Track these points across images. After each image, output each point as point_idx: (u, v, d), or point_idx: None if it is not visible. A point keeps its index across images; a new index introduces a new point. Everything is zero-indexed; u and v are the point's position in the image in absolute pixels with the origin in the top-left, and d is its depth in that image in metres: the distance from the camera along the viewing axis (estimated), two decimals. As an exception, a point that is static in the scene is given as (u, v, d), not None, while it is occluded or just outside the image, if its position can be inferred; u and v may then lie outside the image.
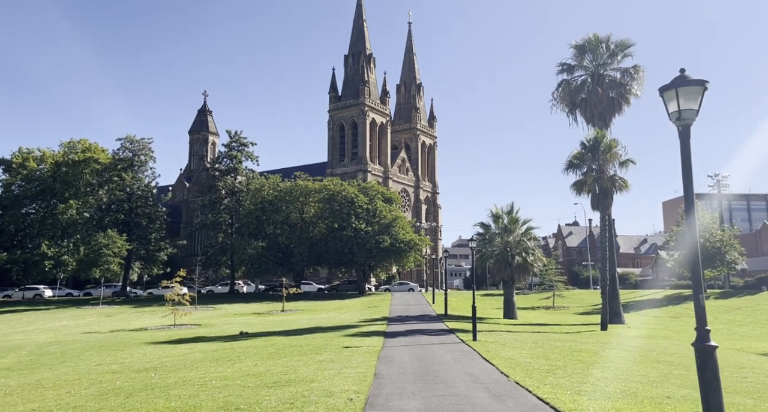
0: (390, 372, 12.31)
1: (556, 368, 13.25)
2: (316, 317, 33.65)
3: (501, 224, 32.99)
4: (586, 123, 33.26)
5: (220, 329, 27.86)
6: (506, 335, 21.35)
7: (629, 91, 32.03)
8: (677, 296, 41.35)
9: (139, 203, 56.00)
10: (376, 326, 25.62)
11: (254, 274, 55.61)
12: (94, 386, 11.30)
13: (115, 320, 34.66)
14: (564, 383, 10.82)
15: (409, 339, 20.02)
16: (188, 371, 13.22)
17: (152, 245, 55.65)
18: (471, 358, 15.10)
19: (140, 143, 55.77)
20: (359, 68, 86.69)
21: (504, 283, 33.15)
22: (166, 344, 20.90)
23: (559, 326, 27.86)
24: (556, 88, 33.87)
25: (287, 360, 14.82)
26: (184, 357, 16.35)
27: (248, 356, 16.14)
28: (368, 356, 15.04)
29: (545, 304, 43.66)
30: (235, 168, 58.70)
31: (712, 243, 40.26)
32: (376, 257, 54.59)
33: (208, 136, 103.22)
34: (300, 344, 18.86)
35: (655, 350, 18.25)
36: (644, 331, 26.42)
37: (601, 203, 27.39)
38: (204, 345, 19.93)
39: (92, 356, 17.49)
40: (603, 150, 26.97)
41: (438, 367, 13.21)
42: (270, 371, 12.76)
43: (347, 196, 54.63)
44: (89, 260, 45.62)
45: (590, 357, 15.70)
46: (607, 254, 28.35)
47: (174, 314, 29.30)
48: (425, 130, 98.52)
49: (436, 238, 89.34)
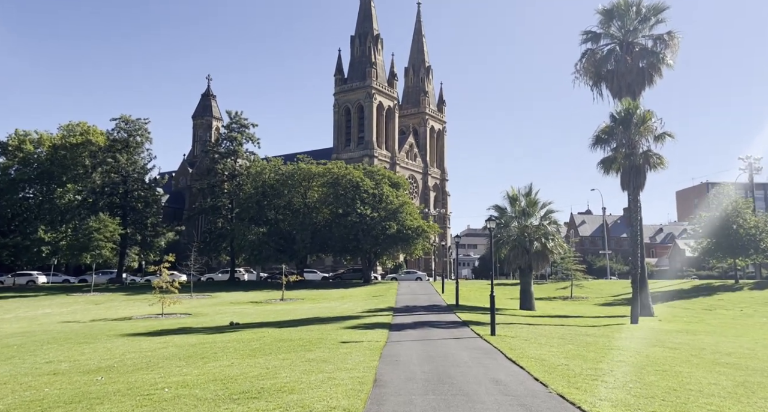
0: (394, 377, 9.76)
1: (601, 372, 10.65)
2: (317, 306, 31.27)
3: (518, 207, 30.23)
4: (613, 97, 30.34)
5: (210, 318, 25.55)
6: (527, 329, 18.77)
7: (662, 61, 29.02)
8: (706, 287, 38.46)
9: (134, 186, 53.55)
10: (380, 317, 23.15)
11: (255, 261, 53.31)
12: (11, 396, 8.82)
13: (103, 308, 32.49)
14: (624, 397, 8.20)
15: (418, 333, 17.50)
16: (145, 373, 10.75)
17: (149, 230, 53.34)
18: (493, 357, 12.53)
19: (136, 124, 53.21)
20: (366, 50, 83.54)
21: (521, 271, 30.48)
22: (142, 336, 18.54)
23: (582, 319, 25.28)
24: (579, 59, 30.94)
25: (271, 359, 12.33)
26: (152, 353, 13.92)
27: (227, 352, 13.68)
28: (369, 354, 12.53)
29: (562, 294, 41.02)
30: (235, 150, 56.04)
31: (746, 229, 37.23)
32: (382, 244, 52.09)
33: (211, 122, 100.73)
34: (291, 337, 16.39)
35: (706, 348, 15.53)
36: (679, 325, 23.72)
37: (632, 182, 24.55)
38: (184, 338, 17.52)
39: (49, 351, 15.12)
40: (636, 122, 24.07)
41: (454, 370, 10.64)
42: (244, 374, 10.25)
43: (352, 180, 52.00)
44: (79, 245, 43.39)
45: (634, 357, 13.06)
46: (638, 239, 25.56)
47: (162, 303, 27.01)
48: (434, 115, 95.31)
49: (444, 226, 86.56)
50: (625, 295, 38.55)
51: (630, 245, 25.85)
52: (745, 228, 37.25)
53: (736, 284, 38.26)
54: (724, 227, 37.43)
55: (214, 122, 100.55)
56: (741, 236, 37.22)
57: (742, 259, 39.81)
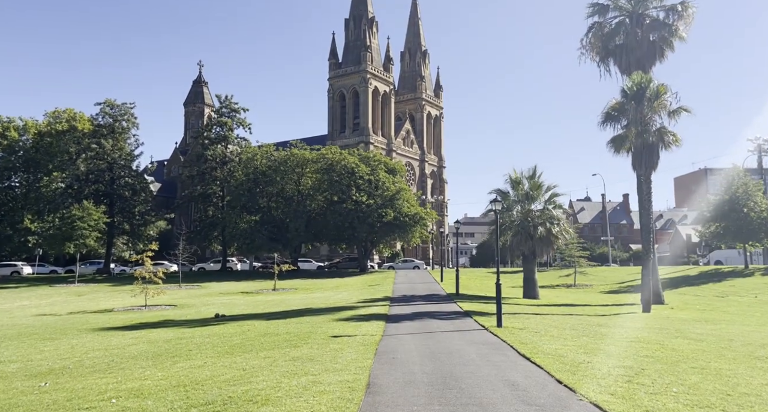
0: (391, 381, 8.24)
1: (632, 371, 9.17)
2: (310, 296, 29.77)
3: (521, 190, 28.58)
4: (621, 73, 28.55)
5: (196, 310, 24.03)
6: (535, 319, 17.29)
7: (674, 34, 27.24)
8: (716, 273, 37.07)
9: (121, 173, 51.55)
10: (376, 307, 21.66)
11: (247, 250, 51.65)
12: None
13: (85, 299, 30.90)
14: (675, 407, 6.67)
15: (417, 324, 16.01)
16: (100, 377, 9.19)
17: (137, 219, 51.52)
18: (503, 353, 11.02)
19: (121, 108, 51.03)
20: (361, 33, 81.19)
21: (524, 258, 28.96)
22: (116, 330, 16.98)
23: (590, 308, 23.85)
24: (585, 34, 29.10)
25: (250, 357, 10.80)
26: (119, 351, 12.37)
27: (203, 349, 12.14)
28: (362, 351, 11.02)
29: (565, 282, 39.61)
30: (226, 136, 53.99)
31: (758, 213, 35.74)
32: (378, 232, 50.48)
33: (203, 109, 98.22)
34: (278, 331, 14.87)
35: (734, 339, 14.08)
36: (693, 313, 22.33)
37: (645, 162, 22.94)
38: (160, 332, 15.98)
39: (7, 348, 13.55)
40: (649, 97, 22.38)
41: (461, 370, 9.13)
42: (214, 377, 8.71)
43: (347, 166, 50.20)
44: (62, 234, 41.58)
45: (660, 351, 11.58)
46: (649, 223, 24.05)
47: (145, 294, 25.43)
48: (431, 101, 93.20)
49: (442, 214, 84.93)
50: (630, 282, 37.19)
51: (643, 228, 24.26)
52: (756, 211, 35.78)
53: (746, 269, 36.92)
54: (733, 210, 35.97)
55: (206, 109, 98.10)
56: (752, 219, 35.76)
57: (751, 243, 38.45)
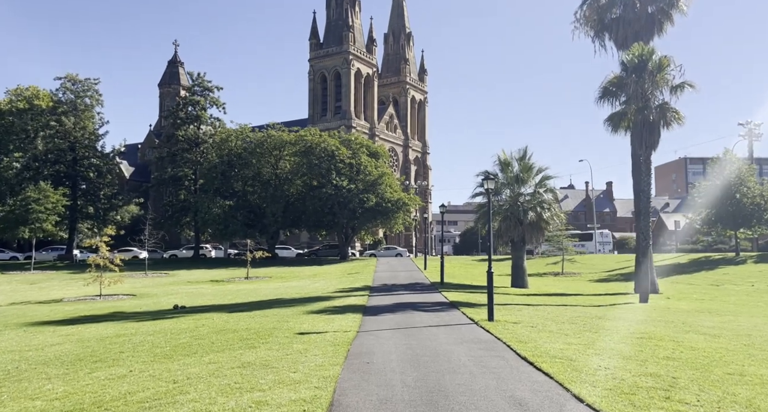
0: (361, 398, 6.29)
1: (663, 381, 7.36)
2: (284, 285, 27.74)
3: (510, 173, 26.76)
4: (617, 48, 26.85)
5: (154, 301, 21.85)
6: (528, 312, 15.54)
7: (674, 5, 25.51)
8: (707, 260, 36.00)
9: (85, 154, 48.27)
10: (354, 297, 19.74)
11: (220, 236, 49.18)
12: None
13: (37, 288, 28.40)
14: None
15: (398, 318, 14.10)
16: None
17: (102, 202, 48.50)
18: (501, 356, 9.16)
19: (84, 84, 47.54)
20: (343, 12, 78.20)
21: (513, 245, 27.23)
22: (50, 325, 14.76)
23: (583, 297, 22.29)
24: (580, 6, 27.20)
25: (191, 362, 8.75)
26: (33, 354, 10.21)
27: (138, 351, 10.04)
28: (331, 353, 9.07)
29: (553, 270, 38.21)
30: (198, 116, 50.96)
31: (751, 198, 34.66)
32: (360, 218, 48.48)
33: (179, 90, 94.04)
34: (238, 327, 12.84)
35: (752, 334, 12.49)
36: (692, 303, 20.90)
37: (645, 141, 21.27)
38: (99, 328, 13.81)
39: None
40: (651, 71, 20.67)
41: (451, 381, 7.23)
42: (132, 393, 6.65)
43: (327, 148, 47.91)
44: (15, 217, 38.60)
45: (680, 351, 9.83)
46: (648, 206, 22.46)
47: (100, 283, 23.13)
48: (415, 85, 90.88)
49: (426, 200, 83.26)
50: (619, 270, 35.96)
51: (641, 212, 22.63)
52: (749, 197, 34.68)
53: (737, 256, 35.94)
54: (726, 196, 34.82)
55: (182, 91, 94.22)
56: (745, 205, 34.66)
57: (743, 230, 37.46)
